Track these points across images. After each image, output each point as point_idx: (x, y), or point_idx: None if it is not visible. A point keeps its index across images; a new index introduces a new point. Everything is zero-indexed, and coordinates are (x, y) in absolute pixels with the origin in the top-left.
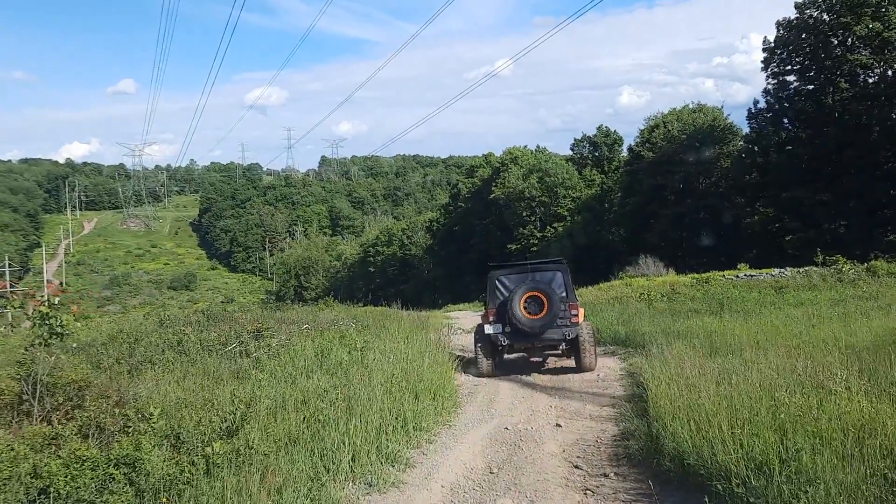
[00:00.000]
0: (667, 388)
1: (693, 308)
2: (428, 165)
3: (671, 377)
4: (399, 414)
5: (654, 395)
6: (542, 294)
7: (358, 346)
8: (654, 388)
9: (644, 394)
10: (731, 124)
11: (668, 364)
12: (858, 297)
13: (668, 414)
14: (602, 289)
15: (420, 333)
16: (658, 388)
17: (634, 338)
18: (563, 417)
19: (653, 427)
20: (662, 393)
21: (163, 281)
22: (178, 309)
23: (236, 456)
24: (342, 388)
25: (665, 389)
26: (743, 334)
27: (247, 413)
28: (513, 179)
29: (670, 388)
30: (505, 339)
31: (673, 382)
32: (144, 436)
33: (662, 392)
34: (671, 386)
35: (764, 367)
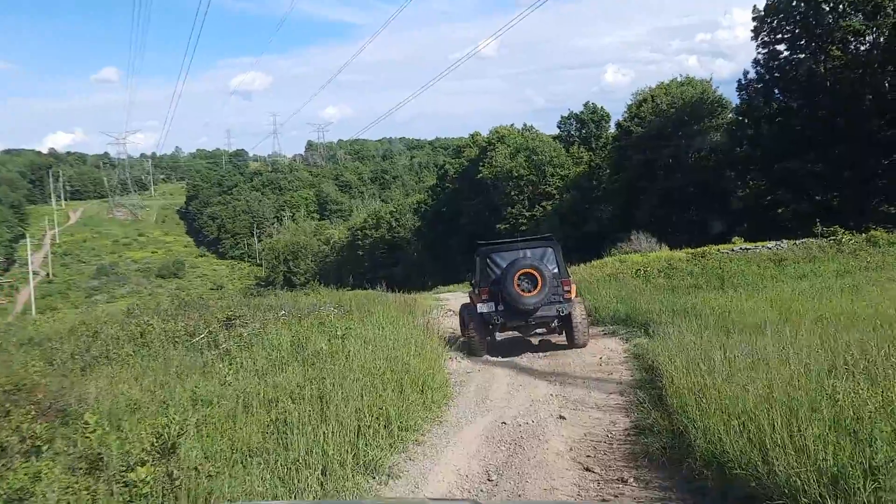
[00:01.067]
0: (688, 375)
1: (693, 283)
2: (415, 147)
3: (690, 361)
4: (381, 412)
5: (673, 382)
6: (535, 271)
7: (339, 333)
8: (671, 374)
9: (657, 380)
10: (720, 97)
11: (685, 346)
12: (864, 269)
13: (693, 406)
14: (596, 266)
15: (407, 317)
16: (676, 373)
17: (636, 316)
18: (567, 408)
19: (675, 421)
20: (683, 380)
21: (151, 269)
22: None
23: (170, 482)
24: (318, 382)
25: (686, 376)
26: (755, 310)
27: (184, 426)
28: (500, 159)
29: (692, 374)
30: (498, 318)
31: (694, 367)
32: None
33: (682, 379)
34: (693, 372)
35: (798, 347)
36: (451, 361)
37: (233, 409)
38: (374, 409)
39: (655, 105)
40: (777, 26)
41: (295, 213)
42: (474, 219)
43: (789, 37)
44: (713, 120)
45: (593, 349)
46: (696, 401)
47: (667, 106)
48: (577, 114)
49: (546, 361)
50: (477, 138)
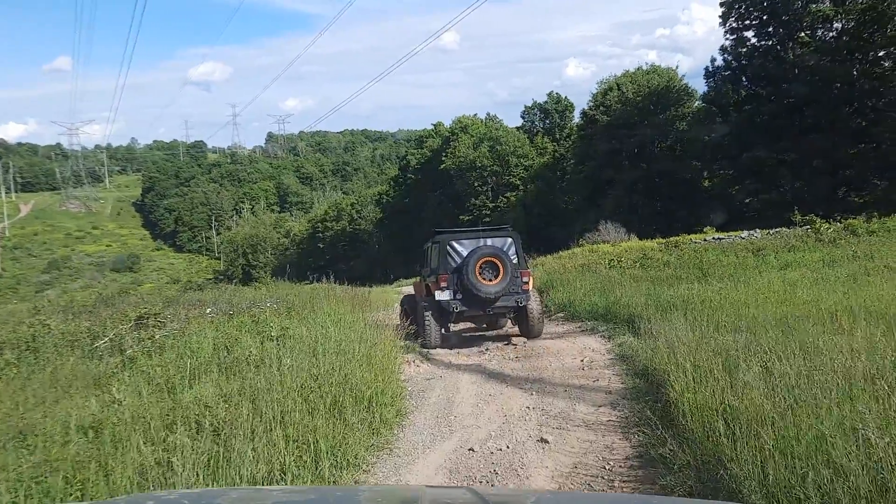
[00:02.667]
0: (704, 387)
1: (672, 274)
2: (377, 140)
3: (705, 368)
4: (309, 446)
5: (684, 396)
6: (497, 260)
7: (273, 334)
8: (681, 386)
9: (657, 390)
10: (685, 86)
11: (688, 347)
12: (851, 258)
13: (722, 433)
14: (566, 256)
15: (359, 313)
16: (687, 385)
17: (616, 311)
18: (549, 426)
19: (698, 452)
20: (699, 394)
21: (105, 263)
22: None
23: None
24: (234, 400)
25: (704, 389)
26: (748, 303)
27: None
28: (463, 149)
29: (711, 386)
30: (457, 307)
31: (709, 376)
32: None
33: (698, 393)
34: (710, 383)
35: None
36: (407, 366)
37: (97, 454)
38: (302, 441)
39: (621, 93)
40: (745, 12)
41: (254, 205)
42: (437, 210)
43: (757, 23)
44: (679, 109)
45: (572, 349)
46: (725, 426)
47: (633, 94)
48: (540, 104)
49: (519, 365)
50: (440, 128)
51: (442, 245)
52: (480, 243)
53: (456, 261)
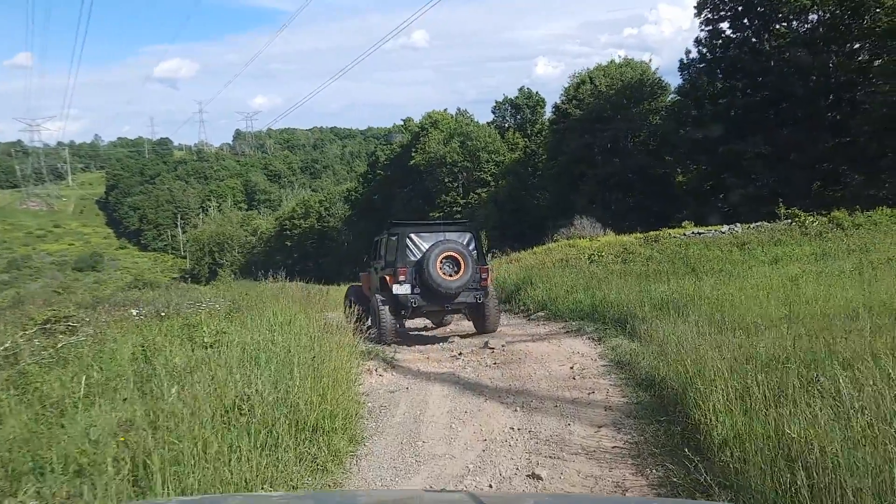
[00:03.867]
0: (750, 408)
1: (658, 269)
2: (346, 137)
3: (739, 380)
4: None
5: (723, 420)
6: (459, 255)
7: (207, 340)
8: (715, 407)
9: (671, 407)
10: (659, 79)
11: (708, 352)
12: (845, 251)
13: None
14: (541, 251)
15: (314, 314)
16: (722, 404)
17: (605, 310)
18: (540, 455)
19: None
20: (739, 416)
21: (67, 262)
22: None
23: None
24: (143, 423)
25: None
26: (751, 300)
27: None
28: (433, 144)
29: (755, 405)
30: (415, 301)
31: (747, 392)
32: None
33: (737, 413)
34: (750, 400)
35: None
36: (368, 375)
37: None
38: (209, 488)
39: (594, 87)
40: (720, 3)
41: (222, 203)
42: (407, 206)
43: (732, 14)
44: (653, 103)
45: (558, 354)
46: (805, 475)
47: (606, 87)
48: (511, 99)
49: (498, 373)
50: (409, 124)
51: (401, 237)
52: (442, 237)
53: (415, 254)
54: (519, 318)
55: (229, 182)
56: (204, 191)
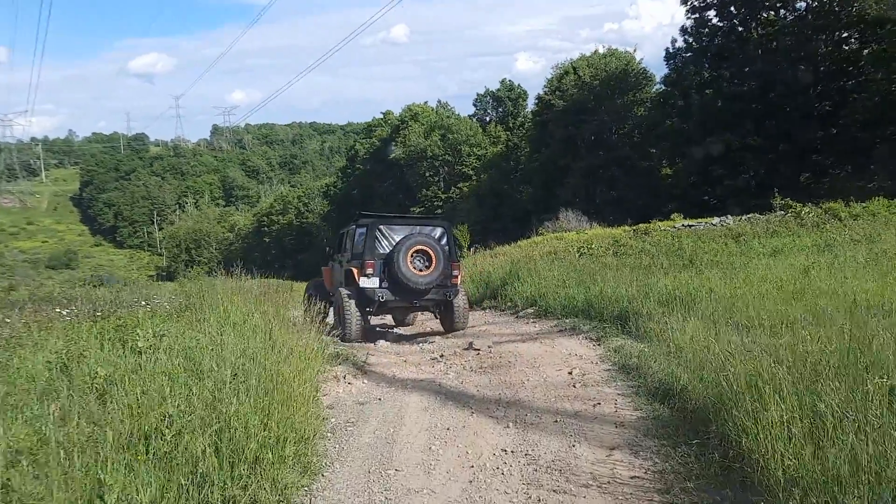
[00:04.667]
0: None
1: (652, 262)
2: (326, 133)
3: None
4: None
5: (794, 452)
6: (430, 250)
7: (141, 345)
8: (775, 433)
9: (701, 424)
10: (644, 69)
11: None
12: (848, 242)
13: None
14: (527, 245)
15: (273, 312)
16: (788, 429)
17: (601, 306)
18: (541, 487)
19: None
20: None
21: (40, 260)
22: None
23: None
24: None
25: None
26: (763, 295)
27: None
28: (413, 137)
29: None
30: (383, 296)
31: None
32: None
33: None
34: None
35: None
36: (335, 383)
37: None
38: None
39: (578, 77)
40: None
41: (199, 199)
42: (387, 201)
43: (718, 3)
44: (637, 94)
45: (553, 356)
46: None
47: (590, 78)
48: (493, 91)
49: (485, 379)
50: (389, 117)
51: (370, 229)
52: (414, 230)
53: (384, 247)
54: (506, 315)
55: (206, 178)
56: (180, 187)
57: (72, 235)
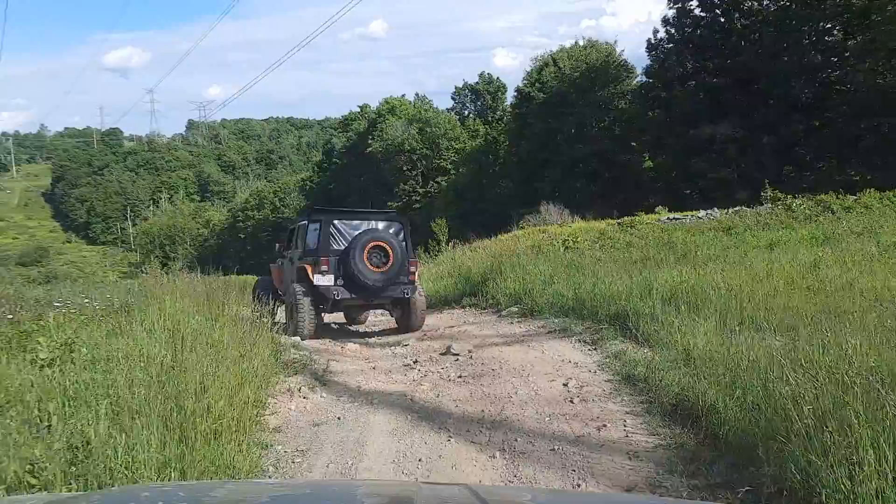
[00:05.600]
0: None
1: (643, 256)
2: (303, 128)
3: None
4: None
5: None
6: (388, 246)
7: (43, 356)
8: None
9: (745, 461)
10: (625, 62)
11: None
12: (848, 234)
13: None
14: (509, 239)
15: (222, 313)
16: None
17: (594, 304)
18: None
19: None
20: None
21: (10, 257)
22: None
23: None
24: None
25: None
26: (774, 292)
27: None
28: (391, 131)
29: None
30: (338, 293)
31: None
32: None
33: None
34: None
35: None
36: (288, 398)
37: None
38: None
39: (558, 69)
40: None
41: (173, 194)
42: (364, 196)
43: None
44: (618, 86)
45: (543, 363)
46: None
47: (570, 70)
48: (471, 85)
49: (466, 391)
50: (366, 110)
51: (325, 224)
52: (370, 225)
53: (340, 243)
54: (488, 314)
55: (181, 173)
56: (155, 182)
57: (43, 232)
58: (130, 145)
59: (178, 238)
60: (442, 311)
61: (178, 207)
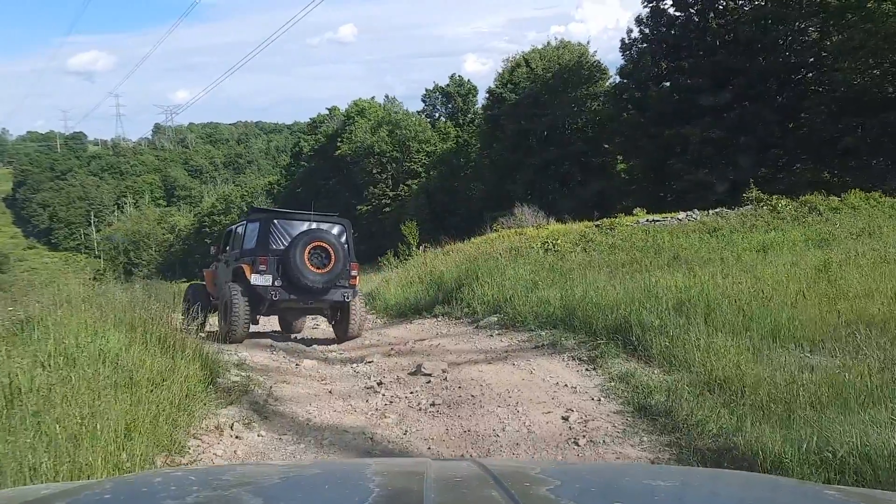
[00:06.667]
0: None
1: (630, 259)
2: (272, 132)
3: None
4: None
5: None
6: (329, 246)
7: None
8: None
9: None
10: (598, 62)
11: None
12: (846, 235)
13: None
14: (483, 241)
15: (145, 324)
16: None
17: (586, 314)
18: None
19: None
20: None
21: None
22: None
23: None
24: None
25: None
26: (791, 301)
27: None
28: (360, 133)
29: None
30: (276, 294)
31: None
32: None
33: None
34: None
35: None
36: (216, 437)
37: None
38: None
39: (530, 70)
40: None
41: (138, 199)
42: (332, 200)
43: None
44: (591, 87)
45: (533, 388)
46: None
47: (542, 70)
48: (442, 87)
49: (441, 426)
50: (335, 112)
51: (264, 224)
52: (312, 226)
53: (280, 243)
54: (463, 324)
55: (147, 178)
56: (119, 187)
57: (3, 238)
58: (95, 149)
59: (143, 244)
60: (412, 320)
61: (143, 212)
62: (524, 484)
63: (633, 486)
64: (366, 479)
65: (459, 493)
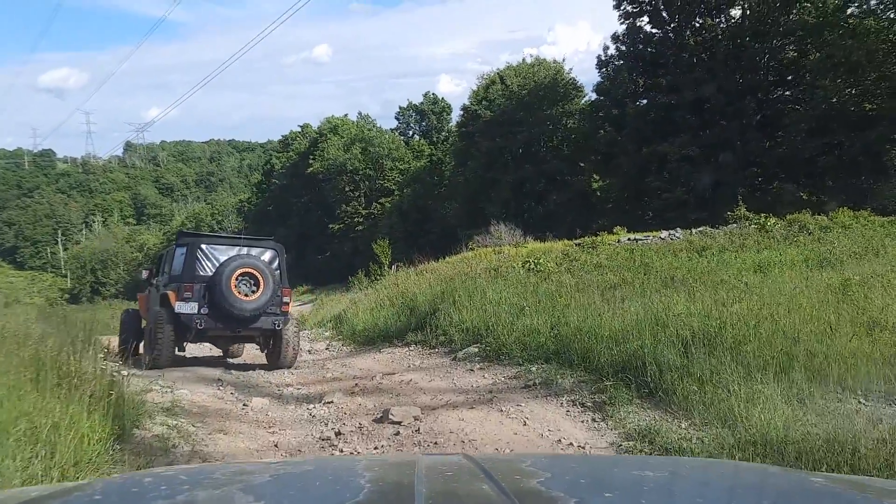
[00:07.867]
0: None
1: (620, 280)
2: (245, 150)
3: None
4: None
5: None
6: (258, 273)
7: None
8: None
9: None
10: (573, 80)
11: None
12: (846, 254)
13: None
14: (459, 261)
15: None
16: None
17: (585, 348)
18: None
19: None
20: None
21: None
22: None
23: None
24: None
25: None
26: (822, 331)
27: None
28: (333, 150)
29: None
30: (201, 322)
31: None
32: None
33: None
34: None
35: None
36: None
37: None
38: None
39: (505, 87)
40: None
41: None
42: (304, 218)
43: (651, 9)
44: (566, 105)
45: (532, 444)
46: None
47: (518, 87)
48: (416, 105)
49: None
50: (307, 130)
51: (191, 249)
52: (241, 251)
53: (207, 269)
54: (438, 355)
55: (116, 195)
56: (88, 205)
57: None
58: (64, 167)
59: (111, 262)
60: (381, 349)
61: (111, 231)
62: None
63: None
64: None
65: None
